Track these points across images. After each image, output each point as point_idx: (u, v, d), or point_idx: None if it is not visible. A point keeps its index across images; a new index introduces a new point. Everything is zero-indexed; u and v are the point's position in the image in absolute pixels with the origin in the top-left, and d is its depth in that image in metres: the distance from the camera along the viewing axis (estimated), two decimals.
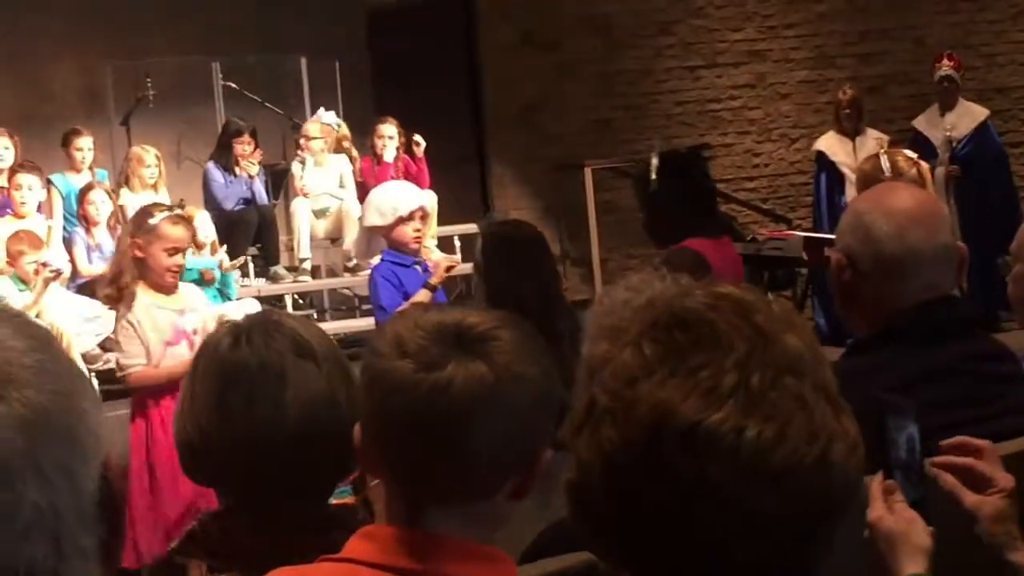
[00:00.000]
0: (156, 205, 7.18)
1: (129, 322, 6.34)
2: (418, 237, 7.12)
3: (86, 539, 1.24)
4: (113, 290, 6.46)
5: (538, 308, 5.26)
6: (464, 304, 2.22)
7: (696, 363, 1.52)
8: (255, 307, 6.57)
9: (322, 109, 11.94)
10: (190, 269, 10.00)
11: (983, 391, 3.01)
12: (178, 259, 6.44)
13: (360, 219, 7.96)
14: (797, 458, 1.50)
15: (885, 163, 6.56)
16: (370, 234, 7.73)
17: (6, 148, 10.49)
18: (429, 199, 11.57)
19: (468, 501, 2.08)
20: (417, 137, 11.75)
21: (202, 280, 9.46)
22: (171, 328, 6.40)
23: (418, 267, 7.05)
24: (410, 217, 7.06)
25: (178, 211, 6.88)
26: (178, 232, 6.45)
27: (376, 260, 7.51)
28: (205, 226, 10.26)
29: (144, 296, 6.38)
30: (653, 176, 5.86)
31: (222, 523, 2.45)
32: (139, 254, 6.36)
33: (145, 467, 6.37)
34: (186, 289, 6.72)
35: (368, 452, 2.14)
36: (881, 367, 2.93)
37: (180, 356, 6.29)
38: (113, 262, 6.67)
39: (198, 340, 6.21)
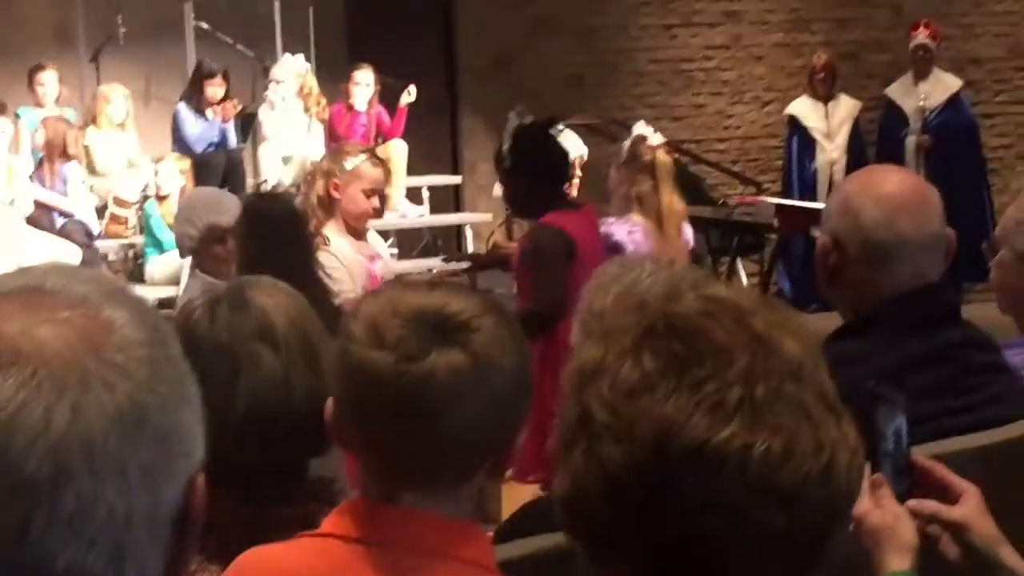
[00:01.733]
0: (351, 144, 6.89)
1: (332, 254, 5.85)
2: None
3: (151, 556, 1.17)
4: None
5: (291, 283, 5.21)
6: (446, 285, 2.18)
7: (699, 376, 1.48)
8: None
9: (288, 54, 11.86)
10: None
11: (967, 380, 3.00)
12: (375, 201, 6.09)
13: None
14: (804, 471, 1.47)
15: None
16: None
17: None
18: (400, 149, 11.54)
19: (445, 483, 2.09)
20: (411, 87, 11.69)
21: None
22: (365, 273, 6.00)
23: None
24: None
25: (375, 151, 6.62)
26: (378, 173, 6.12)
27: None
28: (172, 175, 10.21)
29: (337, 239, 5.95)
30: (506, 150, 5.84)
31: None
32: (336, 195, 5.98)
33: None
34: (371, 235, 6.43)
35: (342, 432, 2.13)
36: (868, 353, 2.91)
37: None
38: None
39: None
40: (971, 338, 3.07)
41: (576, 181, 7.06)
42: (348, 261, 5.87)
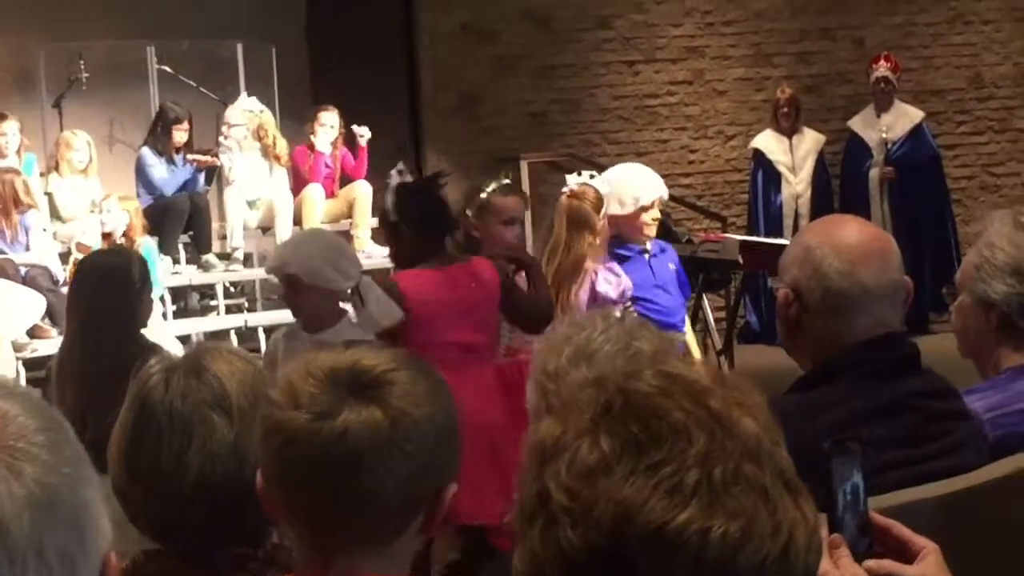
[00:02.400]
0: (482, 181, 6.89)
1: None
2: (653, 225, 6.78)
3: None
4: None
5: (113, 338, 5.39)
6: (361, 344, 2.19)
7: (656, 459, 1.47)
8: None
9: (244, 94, 11.85)
10: None
11: (928, 429, 3.00)
12: (516, 229, 6.16)
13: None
14: (763, 554, 1.46)
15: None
16: None
17: None
18: (364, 189, 11.53)
19: (375, 543, 2.09)
20: (361, 129, 11.69)
21: None
22: None
23: (645, 255, 6.77)
24: (651, 205, 6.75)
25: (505, 181, 6.60)
26: (511, 202, 6.19)
27: None
28: (115, 213, 10.18)
29: None
30: (390, 206, 5.79)
31: (157, 563, 2.41)
32: (476, 234, 6.07)
33: None
34: None
35: (271, 500, 2.14)
36: (825, 404, 2.91)
37: None
38: None
39: None
40: (932, 386, 3.07)
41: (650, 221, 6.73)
42: None
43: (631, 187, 6.75)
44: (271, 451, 2.10)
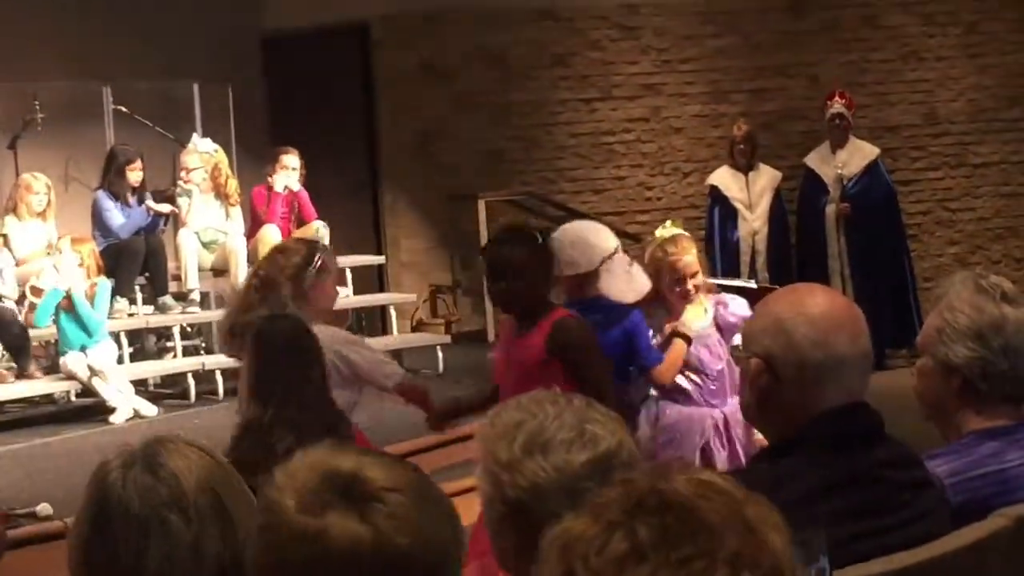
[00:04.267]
0: (296, 242, 6.87)
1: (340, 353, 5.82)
2: None
3: None
4: (231, 335, 6.08)
5: (315, 404, 5.11)
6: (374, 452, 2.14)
7: (688, 553, 1.50)
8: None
9: (196, 135, 11.80)
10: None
11: (890, 500, 2.99)
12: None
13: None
14: None
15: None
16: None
17: None
18: (321, 229, 11.50)
19: None
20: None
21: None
22: None
23: None
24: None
25: (320, 242, 6.60)
26: (335, 261, 6.25)
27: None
28: (67, 255, 10.21)
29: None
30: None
31: None
32: (312, 292, 5.91)
33: None
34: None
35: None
36: (789, 476, 2.90)
37: None
38: (237, 308, 6.16)
39: None
40: (896, 455, 3.06)
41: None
42: None
43: (585, 247, 6.67)
44: (259, 526, 2.07)
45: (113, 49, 12.31)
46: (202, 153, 11.45)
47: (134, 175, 11.31)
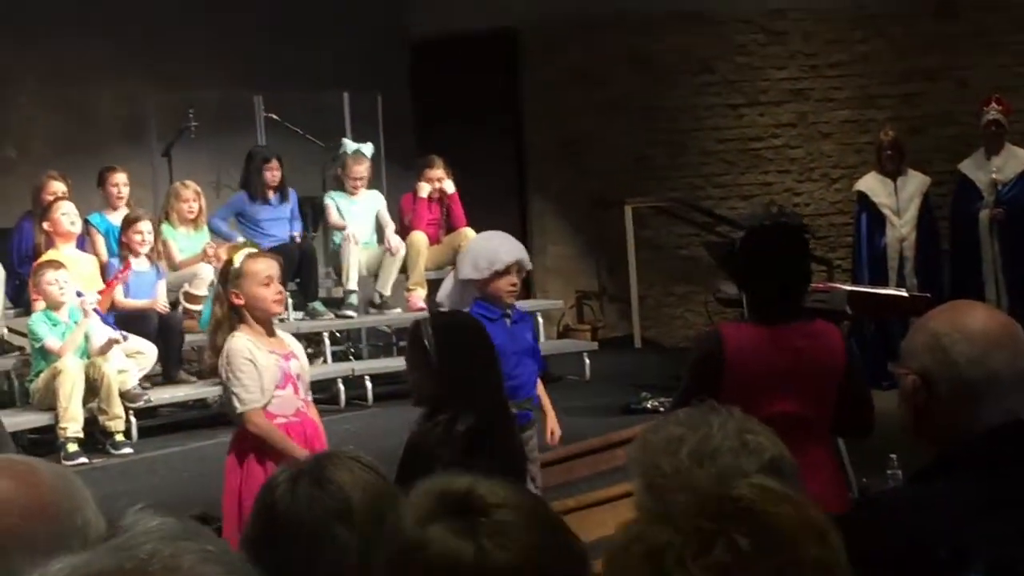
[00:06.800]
0: (231, 250, 7.07)
1: (247, 359, 6.01)
2: (512, 291, 6.85)
3: None
4: (214, 353, 6.27)
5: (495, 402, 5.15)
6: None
7: (781, 560, 1.59)
8: None
9: (346, 140, 11.88)
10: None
11: None
12: (277, 287, 6.18)
13: (453, 269, 7.35)
14: None
15: None
16: (463, 285, 7.17)
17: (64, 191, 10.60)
18: (470, 235, 11.56)
19: None
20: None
21: None
22: (279, 371, 6.10)
23: (507, 319, 6.79)
24: (507, 271, 6.80)
25: (248, 249, 6.72)
26: (263, 264, 6.23)
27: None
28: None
29: (248, 339, 6.07)
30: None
31: None
32: (239, 301, 6.08)
33: (236, 509, 6.09)
34: (283, 334, 6.47)
35: None
36: (943, 499, 2.87)
37: (288, 400, 6.14)
38: (209, 329, 6.40)
39: (303, 385, 6.20)
40: None
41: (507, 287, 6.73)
42: (258, 361, 6.07)
43: (486, 252, 6.76)
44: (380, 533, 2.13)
45: (265, 59, 12.53)
46: (362, 156, 11.61)
47: (271, 174, 11.49)
